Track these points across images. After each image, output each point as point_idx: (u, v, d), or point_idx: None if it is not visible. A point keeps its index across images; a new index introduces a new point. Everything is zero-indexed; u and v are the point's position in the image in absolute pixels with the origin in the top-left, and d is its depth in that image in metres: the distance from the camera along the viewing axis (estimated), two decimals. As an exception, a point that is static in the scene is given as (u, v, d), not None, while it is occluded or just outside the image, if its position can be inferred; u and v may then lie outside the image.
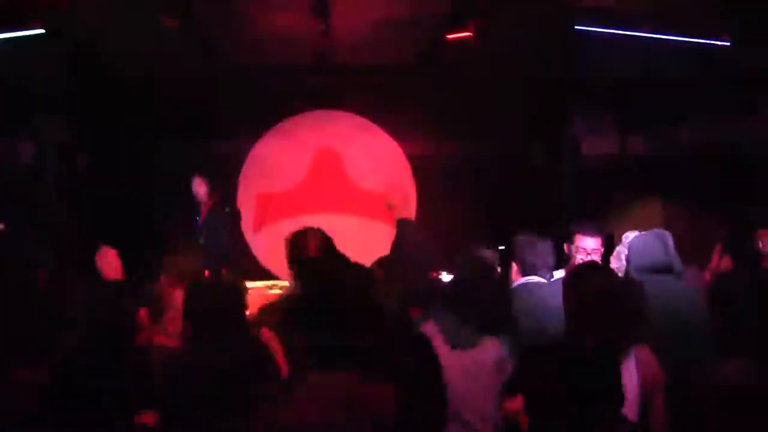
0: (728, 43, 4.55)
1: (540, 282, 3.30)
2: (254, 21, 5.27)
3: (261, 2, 4.98)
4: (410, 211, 7.04)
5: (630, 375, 2.38)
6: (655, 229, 3.27)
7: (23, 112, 6.10)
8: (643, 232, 3.36)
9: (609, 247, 3.82)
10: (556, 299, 2.60)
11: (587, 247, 3.41)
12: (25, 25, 4.50)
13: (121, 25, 4.99)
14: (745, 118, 5.47)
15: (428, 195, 7.05)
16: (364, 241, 6.16)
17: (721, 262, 3.61)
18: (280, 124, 7.05)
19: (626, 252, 3.31)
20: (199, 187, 5.91)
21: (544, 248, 3.40)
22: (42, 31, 4.54)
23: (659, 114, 6.20)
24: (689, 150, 6.13)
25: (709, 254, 3.77)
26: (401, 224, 3.86)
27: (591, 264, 3.05)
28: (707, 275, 3.66)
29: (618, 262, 3.59)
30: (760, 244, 3.46)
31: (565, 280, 2.62)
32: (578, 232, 3.46)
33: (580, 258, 3.38)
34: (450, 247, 3.70)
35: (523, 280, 3.37)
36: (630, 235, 3.53)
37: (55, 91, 5.85)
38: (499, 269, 3.52)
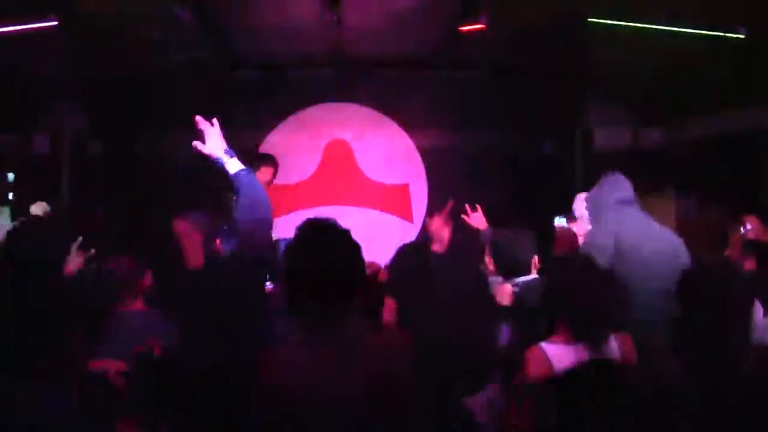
0: (743, 35, 4.50)
1: None
2: (267, 13, 5.28)
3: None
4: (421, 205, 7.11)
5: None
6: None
7: (37, 102, 6.15)
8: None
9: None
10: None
11: None
12: (39, 18, 4.52)
13: (134, 15, 5.01)
14: (760, 109, 5.42)
15: (440, 187, 7.03)
16: (375, 234, 6.18)
17: (743, 258, 3.59)
18: (292, 116, 7.06)
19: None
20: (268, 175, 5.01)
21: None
22: (56, 23, 4.56)
23: (673, 106, 6.15)
24: (703, 142, 6.08)
25: (721, 246, 3.75)
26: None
27: (570, 254, 3.08)
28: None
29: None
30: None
31: (545, 270, 2.66)
32: None
33: None
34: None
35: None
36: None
37: (69, 82, 5.89)
38: None
